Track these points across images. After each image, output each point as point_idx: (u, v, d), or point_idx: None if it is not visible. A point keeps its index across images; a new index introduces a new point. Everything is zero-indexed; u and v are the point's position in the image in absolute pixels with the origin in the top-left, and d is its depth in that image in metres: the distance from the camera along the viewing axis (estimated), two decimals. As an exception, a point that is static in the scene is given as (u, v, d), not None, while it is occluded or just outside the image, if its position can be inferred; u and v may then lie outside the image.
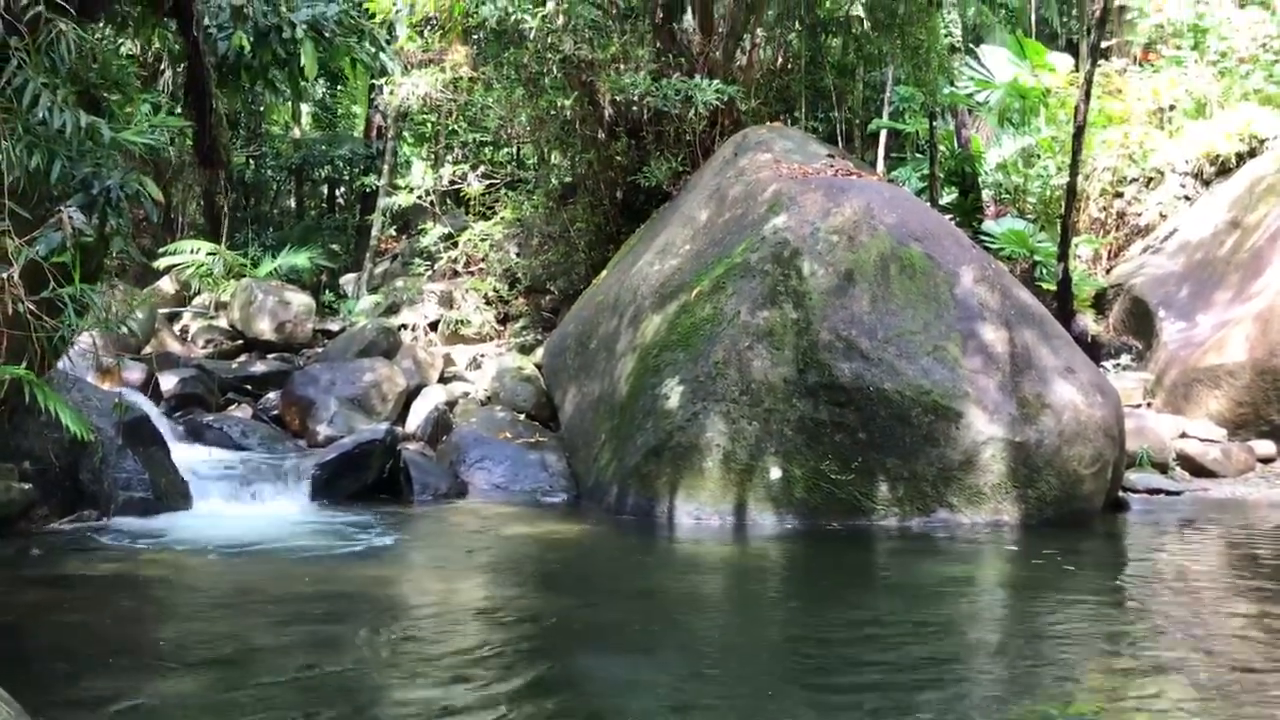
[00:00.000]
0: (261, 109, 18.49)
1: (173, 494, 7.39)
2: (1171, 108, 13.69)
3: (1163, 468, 9.52)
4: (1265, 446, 9.80)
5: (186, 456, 8.06)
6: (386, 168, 14.74)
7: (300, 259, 14.45)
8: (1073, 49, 16.54)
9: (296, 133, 19.74)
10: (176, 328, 12.81)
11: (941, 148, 14.26)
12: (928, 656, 4.18)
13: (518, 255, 12.88)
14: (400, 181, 14.12)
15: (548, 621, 4.99)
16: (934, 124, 13.63)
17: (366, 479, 8.18)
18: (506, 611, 5.07)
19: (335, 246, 16.97)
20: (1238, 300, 10.78)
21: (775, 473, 7.27)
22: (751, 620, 5.08)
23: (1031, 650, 4.43)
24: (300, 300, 12.40)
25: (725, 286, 7.89)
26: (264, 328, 12.02)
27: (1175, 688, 3.77)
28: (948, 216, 12.19)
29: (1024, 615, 5.18)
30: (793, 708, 3.66)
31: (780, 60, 13.47)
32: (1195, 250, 11.93)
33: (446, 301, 12.80)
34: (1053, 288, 11.84)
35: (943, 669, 4.02)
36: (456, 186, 13.12)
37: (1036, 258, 12.68)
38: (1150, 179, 13.45)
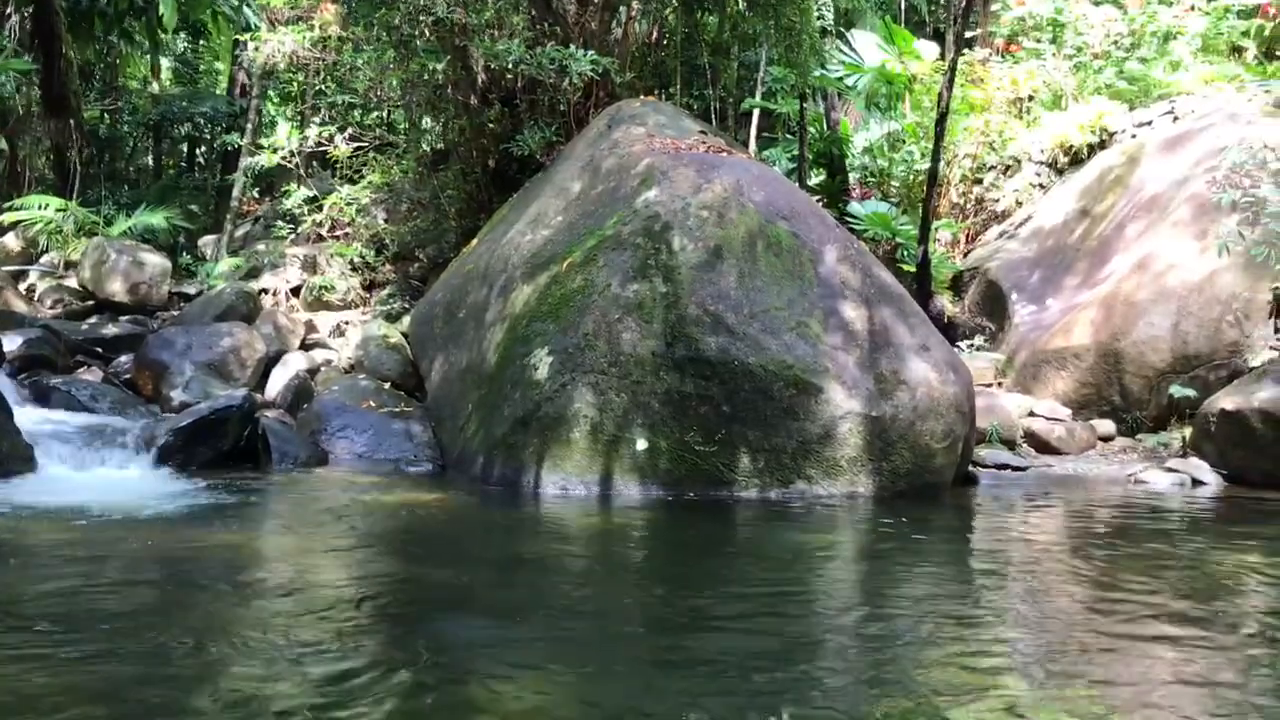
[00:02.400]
0: (117, 61, 17.72)
1: (14, 458, 7.06)
2: (1030, 98, 14.22)
3: (1011, 444, 9.93)
4: (1105, 426, 10.31)
5: (30, 419, 7.72)
6: (250, 127, 14.30)
7: (156, 219, 13.93)
8: (939, 37, 17.02)
9: (155, 88, 18.98)
10: (22, 286, 12.23)
11: (811, 130, 14.53)
12: (781, 616, 4.30)
13: (386, 221, 12.66)
14: (264, 142, 13.71)
15: (409, 586, 4.96)
16: (804, 106, 13.88)
17: (222, 446, 7.97)
18: (366, 576, 5.03)
19: (194, 207, 16.41)
20: (1085, 286, 11.29)
21: (641, 444, 7.34)
22: (614, 585, 5.14)
23: (881, 612, 4.60)
24: (156, 261, 11.96)
25: (596, 258, 7.91)
26: (117, 289, 11.56)
27: (1015, 642, 3.97)
28: (815, 198, 12.45)
29: (876, 580, 5.37)
30: (651, 664, 3.73)
31: (656, 35, 13.51)
32: (1047, 237, 12.44)
33: (310, 267, 12.51)
34: (913, 269, 12.20)
35: (795, 628, 4.14)
36: (323, 149, 12.80)
37: (898, 240, 13.04)
38: (1008, 166, 13.97)
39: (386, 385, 9.88)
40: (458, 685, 3.41)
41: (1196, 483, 8.78)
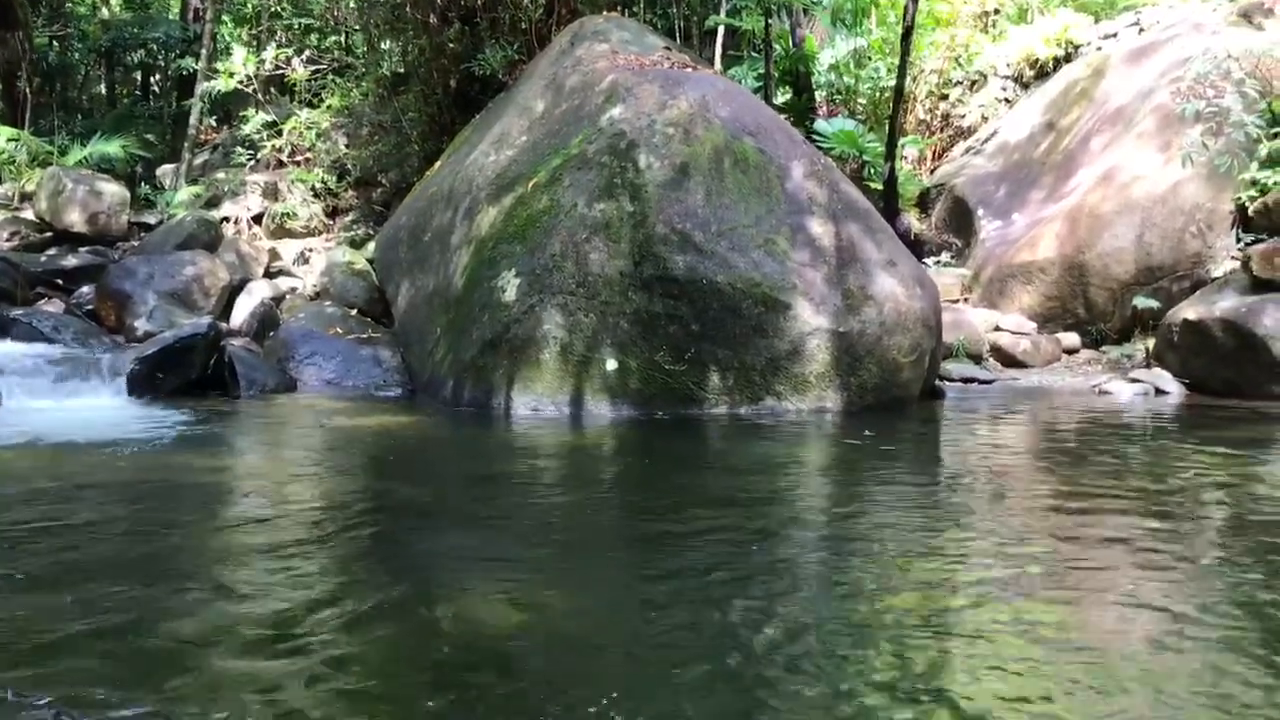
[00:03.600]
0: (63, -16, 17.22)
1: (-23, 391, 6.99)
2: (996, 12, 14.13)
3: (977, 358, 10.04)
4: (1070, 338, 10.44)
5: (-9, 351, 7.63)
6: (205, 52, 13.96)
7: (113, 147, 13.63)
8: (904, -49, 16.78)
9: (105, 13, 18.47)
10: (-24, 219, 11.96)
11: (777, 47, 14.38)
12: (750, 525, 4.35)
13: (347, 146, 12.48)
14: (220, 67, 13.40)
15: (383, 504, 4.98)
16: (769, 22, 13.71)
17: (189, 374, 7.91)
18: (340, 494, 5.03)
19: (151, 136, 16.06)
20: (1050, 200, 11.34)
21: (611, 364, 7.34)
22: (586, 499, 5.18)
23: (848, 517, 4.67)
24: (113, 191, 11.73)
25: (562, 178, 7.83)
26: (75, 219, 11.35)
27: (979, 544, 4.04)
28: (782, 116, 12.35)
29: (844, 490, 5.44)
30: (622, 573, 3.77)
31: (618, -50, 13.26)
32: (1013, 152, 12.45)
33: (271, 194, 12.33)
34: (880, 187, 12.19)
35: (765, 536, 4.20)
36: (280, 72, 12.54)
37: (865, 157, 13.01)
38: (974, 82, 13.92)
39: (353, 312, 9.82)
40: (432, 597, 3.43)
41: (1159, 392, 8.92)
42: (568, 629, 3.22)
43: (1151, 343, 9.63)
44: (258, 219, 12.22)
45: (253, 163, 12.91)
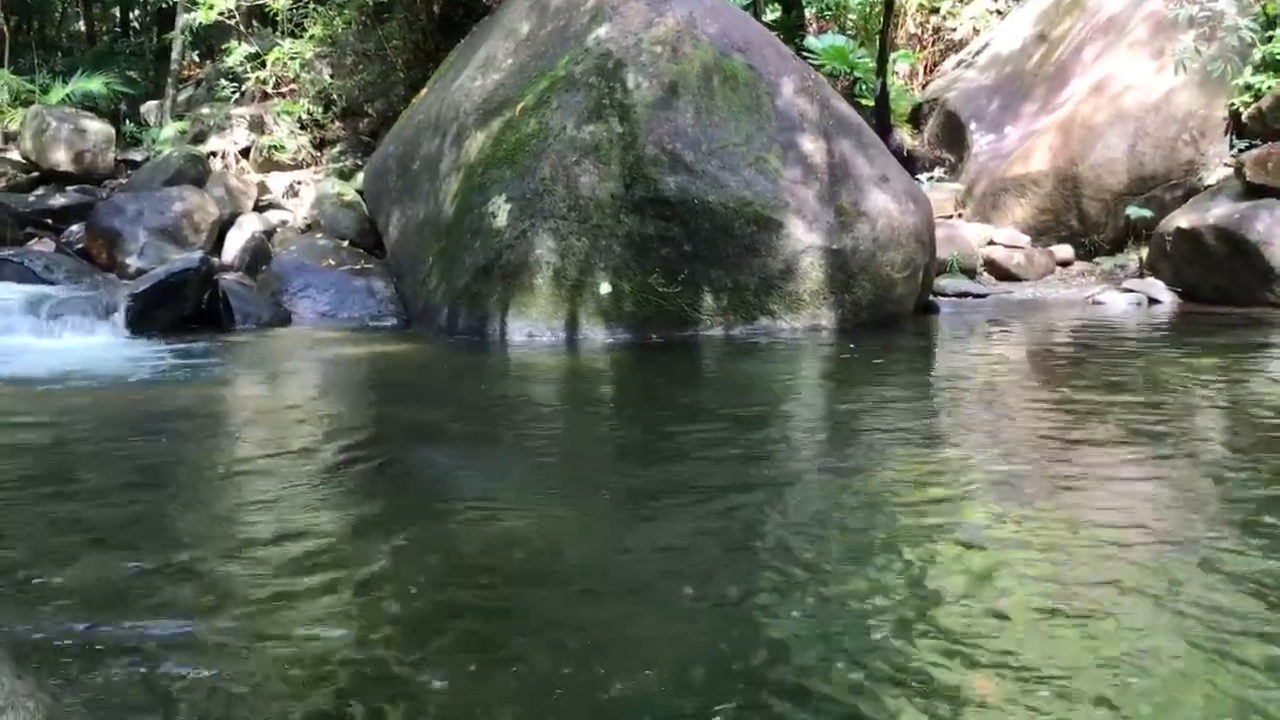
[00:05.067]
0: (35, -82, 16.85)
1: (-28, 331, 6.99)
2: (986, -79, 13.88)
3: (971, 273, 10.04)
4: (1064, 251, 10.43)
5: (-15, 293, 7.62)
6: (183, -17, 13.70)
7: (95, 84, 13.44)
8: None
9: (79, -54, 18.11)
10: (-39, 161, 11.85)
11: (764, -38, 14.16)
12: (746, 440, 4.40)
13: (332, 76, 12.32)
14: (199, -2, 13.16)
15: (382, 426, 5.04)
16: (757, -63, 13.48)
17: (184, 310, 7.90)
18: (340, 418, 5.08)
19: (133, 73, 15.82)
20: (1043, 112, 11.25)
21: (605, 288, 7.34)
22: (583, 420, 5.22)
23: (845, 433, 4.72)
24: (98, 128, 11.59)
25: (550, 101, 7.76)
26: (61, 158, 11.23)
27: (979, 454, 4.09)
28: (771, 33, 12.19)
29: (839, 405, 5.48)
30: (619, 491, 3.82)
31: None
32: (1005, 64, 12.32)
33: (258, 127, 12.20)
34: (871, 103, 12.08)
35: (760, 450, 4.24)
36: (261, 3, 12.34)
37: (856, 73, 12.87)
38: (965, -7, 13.73)
39: (345, 243, 9.78)
40: (432, 513, 3.48)
41: (1153, 301, 8.94)
42: (567, 541, 3.27)
43: (1145, 253, 9.63)
44: (245, 153, 12.10)
45: (237, 96, 12.74)
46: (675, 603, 2.70)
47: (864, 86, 12.71)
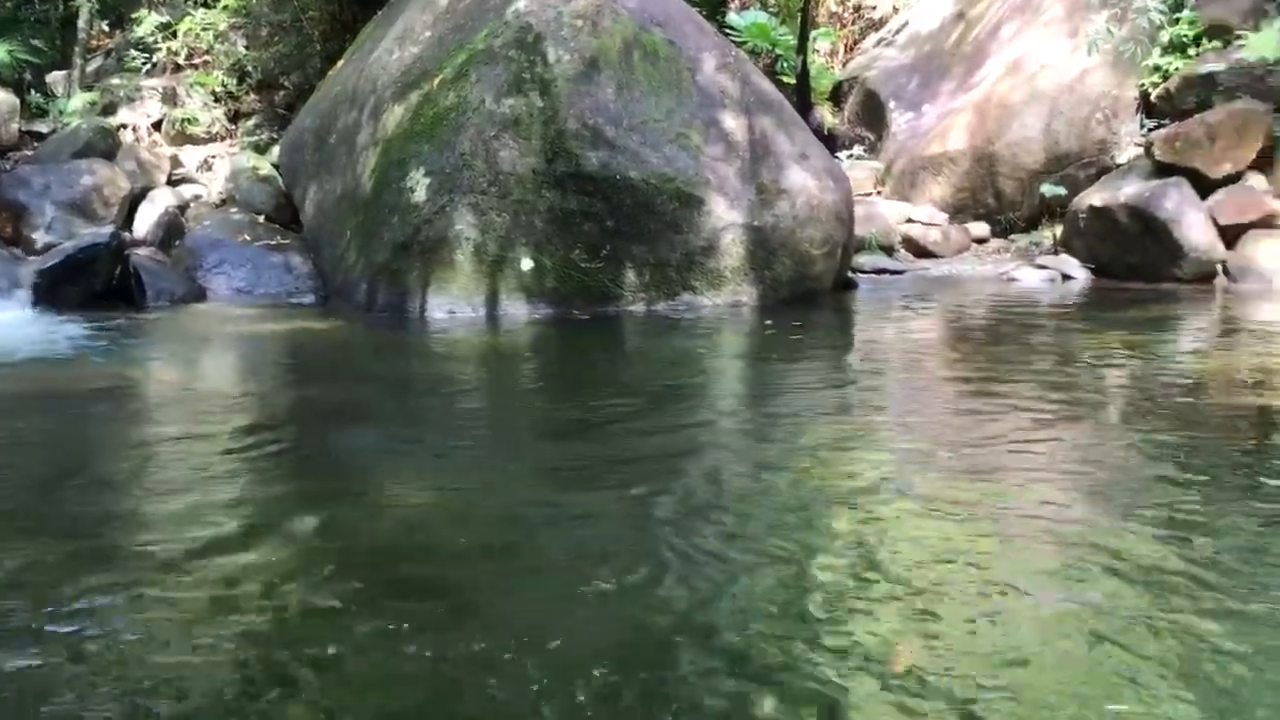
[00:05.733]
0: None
1: None
2: (906, -100, 13.96)
3: (889, 250, 10.16)
4: (980, 228, 10.59)
5: (-120, 268, 7.34)
6: (90, -51, 13.26)
7: (-3, 53, 12.98)
8: None
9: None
10: None
11: (687, -62, 14.10)
12: (667, 414, 4.41)
13: (246, 48, 12.03)
14: (107, -35, 12.77)
15: (301, 406, 4.96)
16: (679, -88, 13.42)
17: (94, 286, 7.68)
18: (257, 399, 4.99)
19: (38, 42, 15.29)
20: (960, 90, 11.39)
21: (526, 263, 7.29)
22: (505, 397, 5.20)
23: (765, 405, 4.75)
24: (2, 98, 11.20)
25: (469, 74, 7.66)
26: (-40, 129, 10.83)
27: (890, 425, 4.15)
28: (693, 9, 12.17)
29: (759, 379, 5.53)
30: (543, 467, 3.81)
31: None
32: (924, 43, 12.44)
33: (170, 99, 11.88)
34: (793, 81, 12.13)
35: (682, 422, 4.25)
36: (172, -30, 12.00)
37: (778, 51, 12.91)
38: (885, -28, 13.82)
39: (261, 218, 9.59)
40: (349, 492, 3.44)
41: (1066, 277, 9.13)
42: (487, 517, 3.25)
43: (1059, 230, 9.82)
44: (157, 125, 11.77)
45: (149, 67, 12.38)
46: (597, 576, 2.70)
47: (785, 64, 12.75)
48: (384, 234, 7.55)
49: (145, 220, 9.46)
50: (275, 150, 10.45)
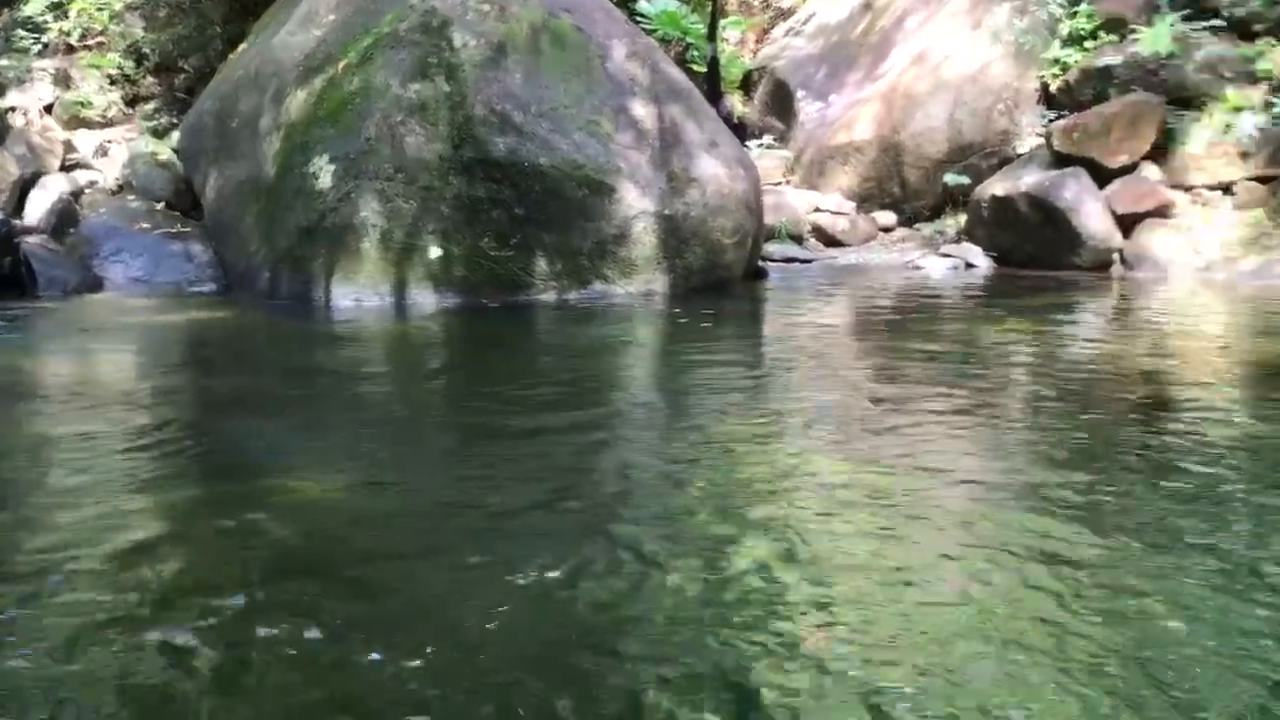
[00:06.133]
0: None
1: None
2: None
3: (798, 239, 10.25)
4: (886, 217, 10.74)
5: None
6: (-25, -76, 12.73)
7: (-125, 32, 12.40)
8: None
9: None
10: None
11: (597, -76, 14.03)
12: (577, 401, 4.39)
13: (144, 29, 11.67)
14: (-7, -59, 12.26)
15: (201, 400, 4.83)
16: (589, -102, 13.34)
17: (-19, 275, 7.40)
18: (156, 393, 4.84)
19: (-81, 20, 14.68)
20: (867, 81, 11.52)
21: (434, 251, 7.20)
22: (412, 387, 5.12)
23: (677, 392, 4.76)
24: (-121, 79, 10.72)
25: (374, 58, 7.53)
26: None
27: (803, 407, 4.17)
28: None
29: (671, 366, 5.54)
30: (449, 454, 3.76)
31: None
32: (832, 33, 12.56)
33: (63, 81, 11.46)
34: (703, 69, 12.16)
35: (592, 410, 4.24)
36: (64, -53, 11.58)
37: (689, 39, 12.92)
38: (793, -38, 13.91)
39: (160, 205, 9.33)
40: (251, 486, 3.35)
41: (969, 266, 9.31)
42: (383, 515, 3.19)
43: (962, 219, 10.00)
44: (49, 109, 11.37)
45: (39, 48, 11.95)
46: (504, 566, 2.67)
47: (695, 52, 12.77)
48: (288, 220, 7.39)
49: (37, 207, 9.12)
50: (175, 135, 10.15)
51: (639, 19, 12.16)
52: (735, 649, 2.20)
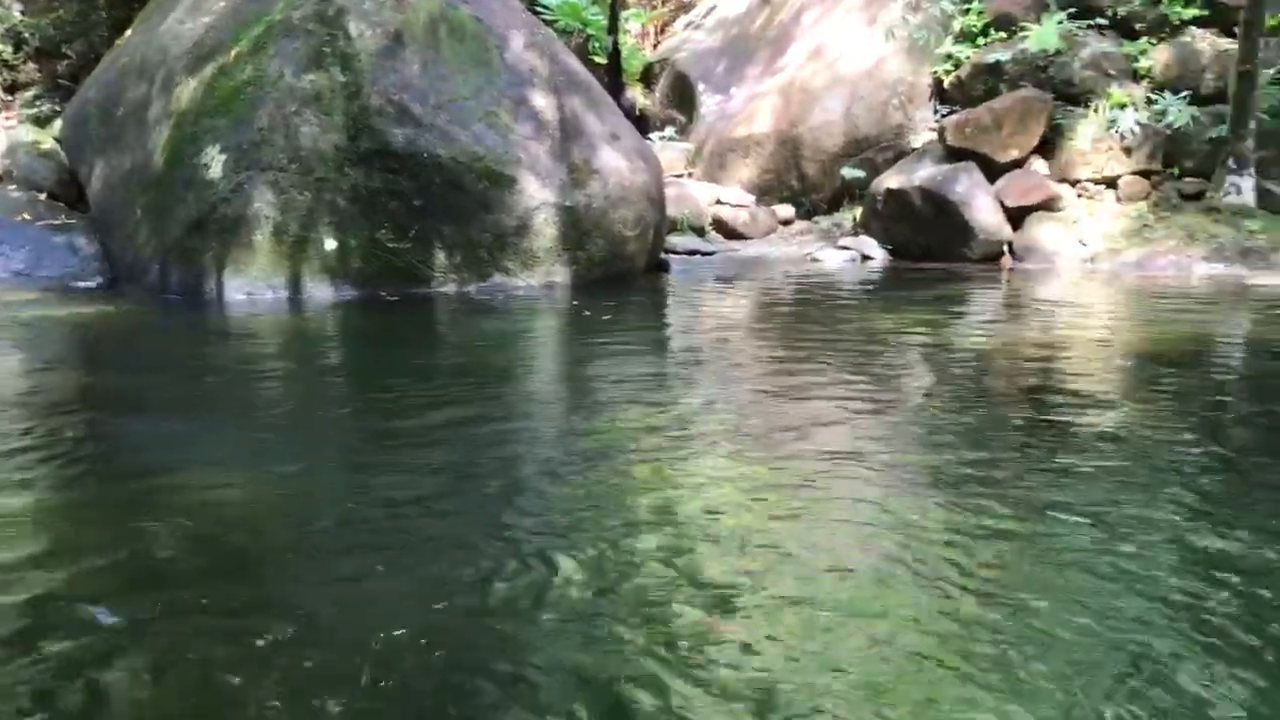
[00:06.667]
0: None
1: None
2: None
3: (700, 231, 10.32)
4: (786, 210, 10.88)
5: None
6: None
7: None
8: None
9: None
10: None
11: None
12: (478, 395, 4.35)
13: (23, 13, 11.24)
14: None
15: (86, 394, 4.67)
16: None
17: None
18: (37, 390, 4.66)
19: None
20: (766, 74, 11.65)
21: (330, 244, 7.08)
22: (307, 382, 5.01)
23: (576, 382, 4.76)
24: None
25: (266, 47, 7.36)
26: None
27: (698, 411, 4.20)
28: (503, -14, 12.03)
29: (572, 358, 5.53)
30: (346, 450, 3.70)
31: None
32: (732, 26, 12.66)
33: (-64, 66, 11.00)
34: (604, 61, 12.15)
35: (494, 403, 4.21)
36: (-65, -74, 11.09)
37: (590, 31, 12.90)
38: (693, -45, 13.98)
39: (42, 196, 8.99)
40: (139, 486, 3.25)
41: (866, 258, 9.48)
42: (287, 507, 3.13)
43: (859, 212, 10.17)
44: (-80, 96, 10.90)
45: (-91, 31, 11.43)
46: (406, 565, 2.63)
47: (597, 44, 12.76)
48: (177, 212, 7.18)
49: (-92, 198, 8.74)
50: (58, 123, 9.80)
51: (539, 10, 12.10)
52: (624, 644, 2.21)
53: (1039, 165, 9.39)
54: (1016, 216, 9.10)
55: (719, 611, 2.35)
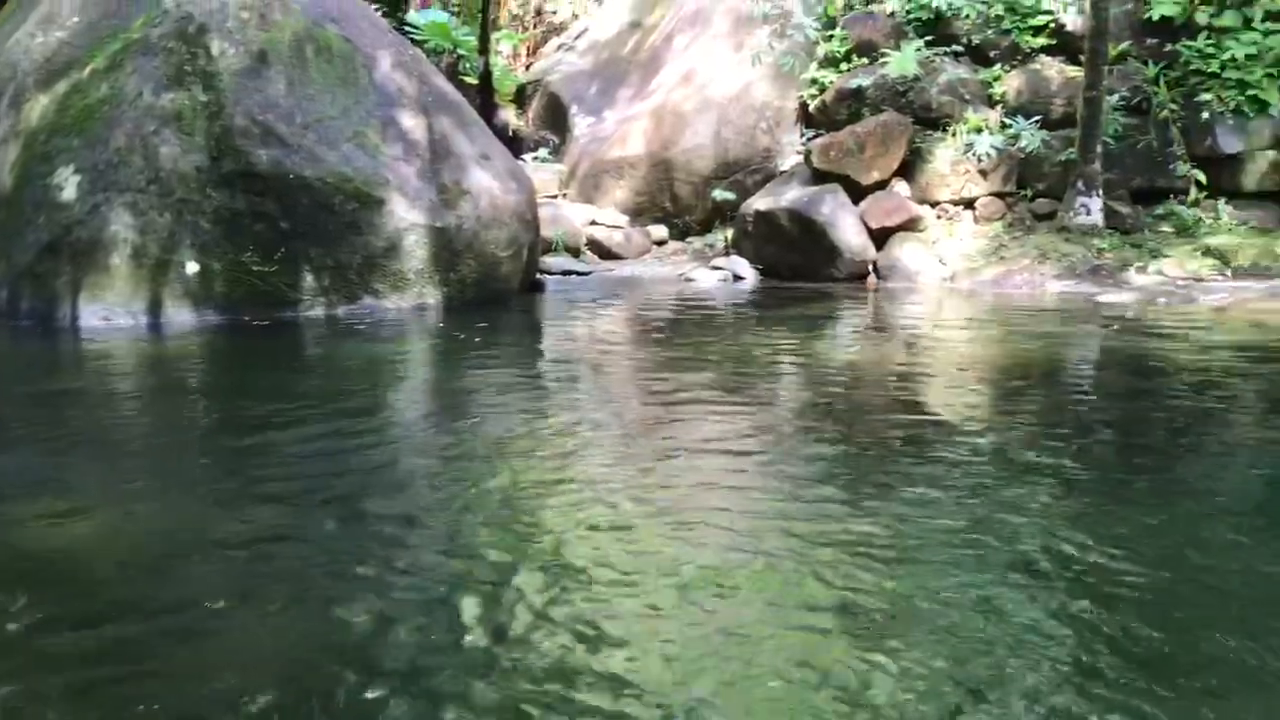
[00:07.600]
0: None
1: None
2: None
3: (575, 252, 10.36)
4: (659, 230, 11.00)
5: None
6: None
7: None
8: None
9: None
10: None
11: (364, -68, 13.79)
12: (344, 420, 4.28)
13: None
14: None
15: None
16: (355, -95, 13.10)
17: None
18: None
19: None
20: (638, 98, 11.78)
21: (192, 267, 6.89)
22: (168, 411, 4.86)
23: (447, 406, 4.72)
24: None
25: (124, 64, 7.14)
26: None
27: (582, 418, 4.21)
28: (373, 7, 11.91)
29: (446, 382, 5.49)
30: (207, 480, 3.60)
31: None
32: (603, 49, 12.78)
33: None
34: (475, 81, 12.13)
35: (360, 429, 4.14)
36: None
37: (460, 51, 12.87)
38: (564, -22, 14.08)
39: (-121, 217, 8.52)
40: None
41: (737, 278, 9.63)
42: (142, 542, 3.03)
43: (730, 232, 10.34)
44: None
45: None
46: (265, 597, 2.58)
47: (468, 64, 12.74)
48: (27, 235, 6.90)
49: None
50: (-105, 141, 9.31)
51: (408, 30, 12.02)
52: (500, 663, 2.21)
53: (901, 187, 9.68)
54: (880, 237, 9.37)
55: (584, 636, 2.36)
